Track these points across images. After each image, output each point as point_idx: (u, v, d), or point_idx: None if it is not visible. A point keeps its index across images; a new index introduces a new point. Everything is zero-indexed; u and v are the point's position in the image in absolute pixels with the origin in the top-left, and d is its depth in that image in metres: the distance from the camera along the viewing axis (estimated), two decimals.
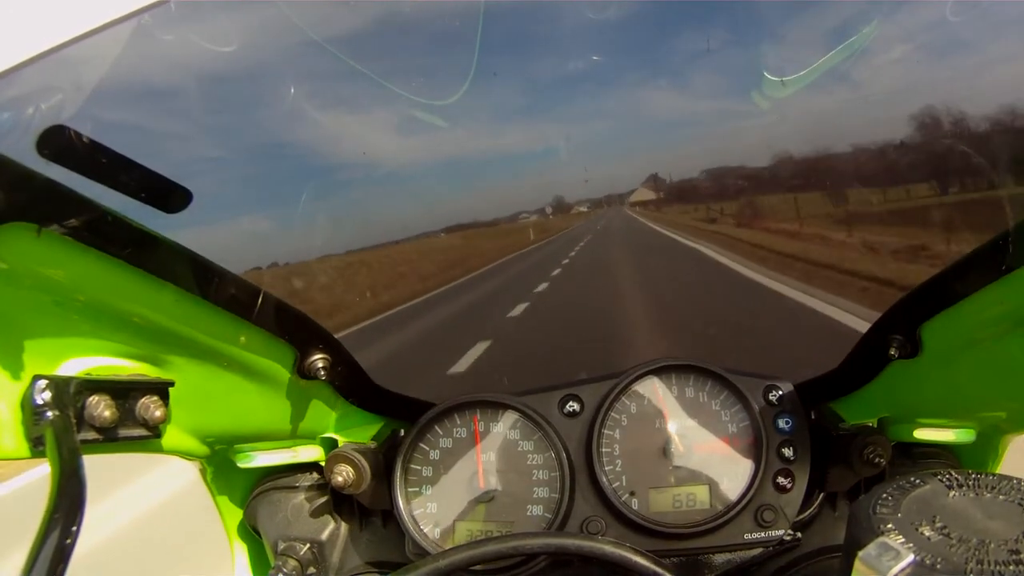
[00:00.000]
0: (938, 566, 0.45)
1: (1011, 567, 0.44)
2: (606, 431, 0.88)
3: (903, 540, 0.48)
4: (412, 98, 0.71)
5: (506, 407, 0.90)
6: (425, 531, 0.87)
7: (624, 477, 0.88)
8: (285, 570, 0.88)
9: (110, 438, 0.60)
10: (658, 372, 0.90)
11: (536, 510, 0.87)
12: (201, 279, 0.65)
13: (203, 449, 0.80)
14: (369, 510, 0.95)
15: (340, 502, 0.95)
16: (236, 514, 0.97)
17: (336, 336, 0.83)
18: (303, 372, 0.80)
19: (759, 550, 0.86)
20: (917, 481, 0.56)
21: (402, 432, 0.93)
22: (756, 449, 0.86)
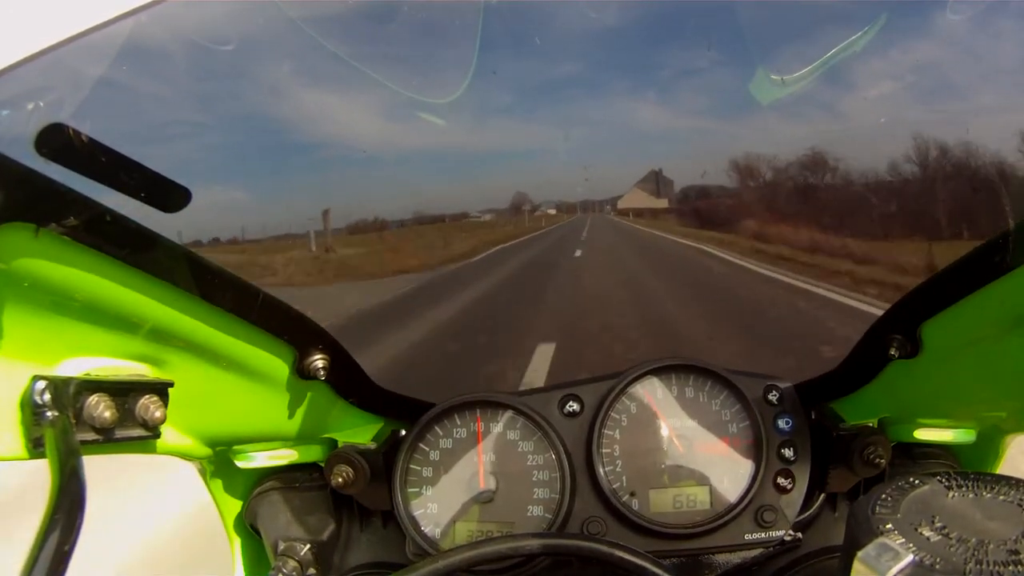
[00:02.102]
0: (937, 566, 0.45)
1: (1010, 567, 0.44)
2: (606, 431, 0.88)
3: (902, 540, 0.48)
4: (410, 95, 0.71)
5: (506, 407, 0.90)
6: (425, 531, 0.87)
7: (624, 477, 0.88)
8: (285, 570, 0.88)
9: (109, 438, 0.60)
10: (658, 372, 0.90)
11: (536, 510, 0.87)
12: (200, 279, 0.65)
13: (203, 449, 0.80)
14: (369, 510, 0.95)
15: (340, 502, 0.95)
16: (236, 514, 0.97)
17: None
18: (303, 372, 0.80)
19: (759, 550, 0.86)
20: (916, 482, 0.56)
21: (402, 432, 0.93)
22: (756, 449, 0.86)
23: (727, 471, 0.87)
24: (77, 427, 0.57)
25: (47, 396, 0.55)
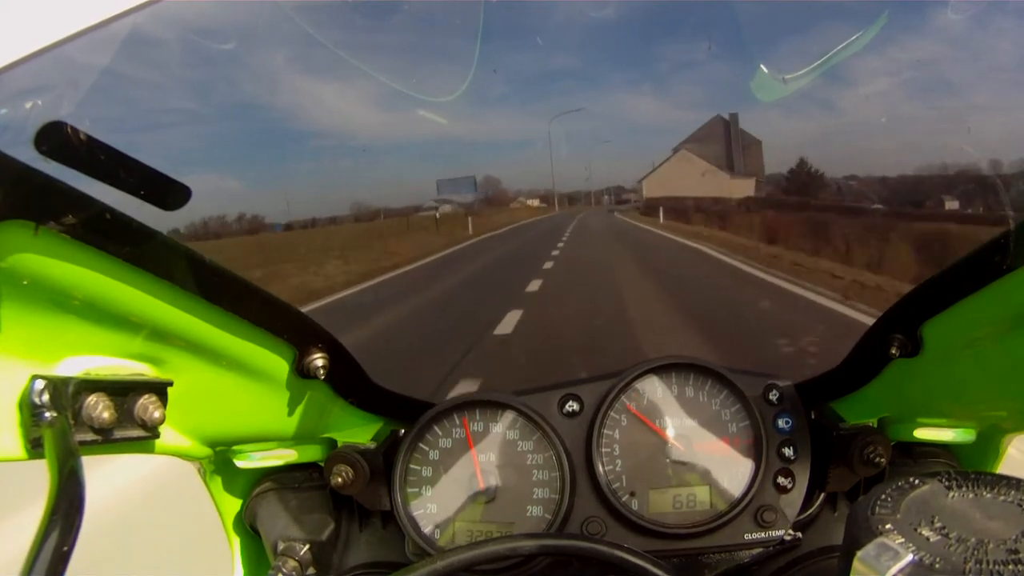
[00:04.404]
0: (937, 566, 0.45)
1: (1010, 567, 0.44)
2: (606, 431, 0.88)
3: (902, 540, 0.48)
4: (413, 95, 0.71)
5: (505, 407, 0.90)
6: (425, 532, 0.87)
7: (624, 477, 0.88)
8: (284, 570, 0.88)
9: (109, 439, 0.60)
10: (658, 371, 0.90)
11: (536, 510, 0.87)
12: (200, 278, 0.65)
13: (202, 449, 0.80)
14: (369, 510, 0.95)
15: (340, 502, 0.95)
16: (235, 514, 0.97)
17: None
18: (302, 372, 0.79)
19: (759, 550, 0.86)
20: (916, 481, 0.56)
21: (402, 432, 0.93)
22: (756, 449, 0.86)
23: (727, 471, 0.87)
24: (76, 427, 0.57)
25: (46, 396, 0.54)
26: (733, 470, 0.87)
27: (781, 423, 0.87)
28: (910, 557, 0.46)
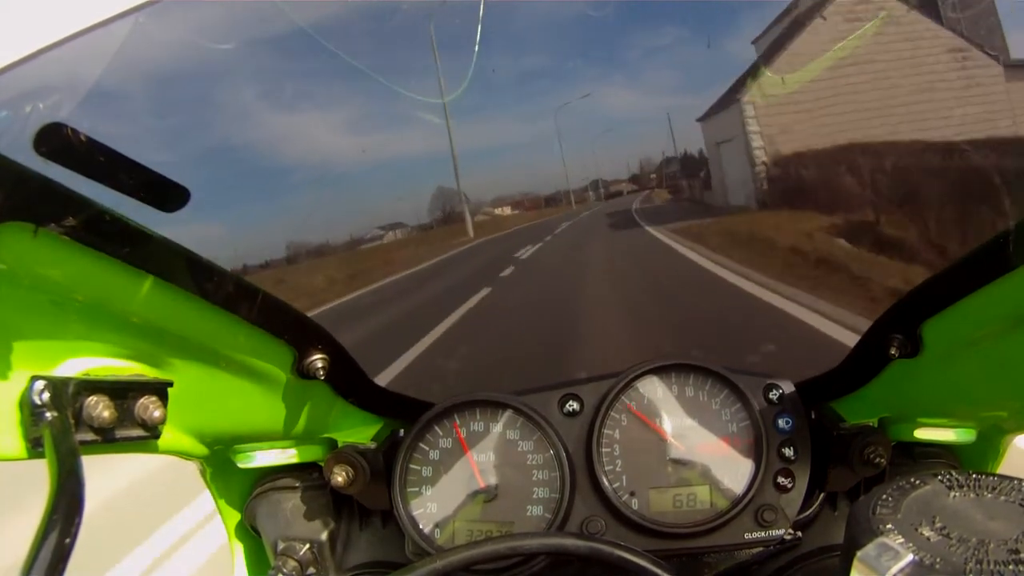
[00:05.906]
0: (937, 566, 0.45)
1: (1011, 567, 0.44)
2: (606, 431, 0.88)
3: (902, 540, 0.48)
4: (409, 95, 0.71)
5: (506, 407, 0.90)
6: (424, 531, 0.87)
7: (624, 477, 0.88)
8: (284, 570, 0.88)
9: (109, 439, 0.60)
10: (658, 371, 0.90)
11: (536, 510, 0.87)
12: (200, 278, 0.65)
13: (202, 449, 0.80)
14: (369, 510, 0.95)
15: (340, 502, 0.95)
16: (235, 514, 0.97)
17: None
18: (302, 372, 0.79)
19: (759, 549, 0.86)
20: (917, 482, 0.56)
21: (402, 432, 0.93)
22: (756, 449, 0.86)
23: (727, 470, 0.87)
24: (76, 427, 0.57)
25: (46, 396, 0.54)
26: (733, 470, 0.87)
27: (781, 423, 0.87)
28: (910, 557, 0.46)
